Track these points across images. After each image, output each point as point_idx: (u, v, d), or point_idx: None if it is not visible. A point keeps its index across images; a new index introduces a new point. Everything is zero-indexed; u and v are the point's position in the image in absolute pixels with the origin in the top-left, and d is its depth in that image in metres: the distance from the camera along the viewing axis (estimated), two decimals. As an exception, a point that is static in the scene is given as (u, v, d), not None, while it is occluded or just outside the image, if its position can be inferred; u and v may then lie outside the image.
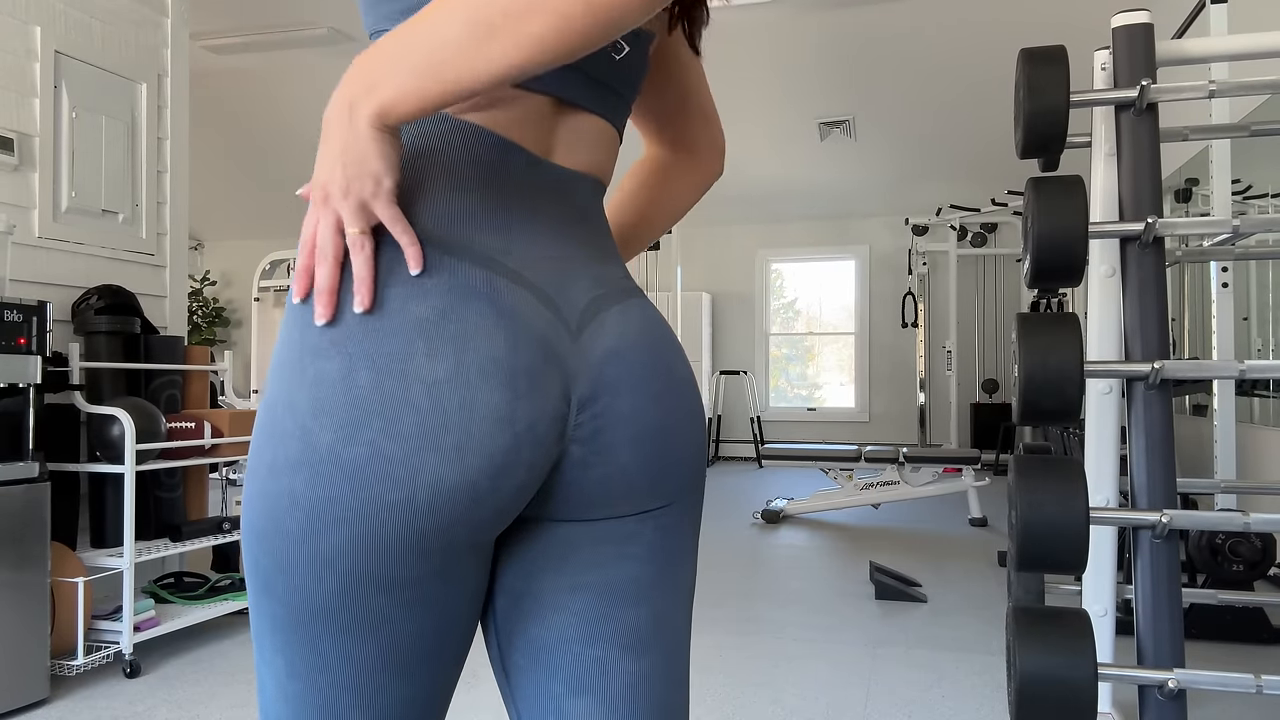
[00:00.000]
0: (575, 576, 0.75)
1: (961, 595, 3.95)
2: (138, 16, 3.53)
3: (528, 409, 0.65)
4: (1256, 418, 4.58)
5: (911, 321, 9.29)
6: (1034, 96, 1.86)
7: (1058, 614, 1.67)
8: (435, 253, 0.65)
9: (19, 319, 2.65)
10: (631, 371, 0.72)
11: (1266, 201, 4.42)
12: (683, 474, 0.77)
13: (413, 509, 0.62)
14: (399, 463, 0.62)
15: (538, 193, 0.72)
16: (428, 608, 0.67)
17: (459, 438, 0.62)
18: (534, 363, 0.66)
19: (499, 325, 0.64)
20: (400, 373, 0.62)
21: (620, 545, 0.75)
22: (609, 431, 0.71)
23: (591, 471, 0.71)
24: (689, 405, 0.78)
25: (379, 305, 0.63)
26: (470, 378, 0.63)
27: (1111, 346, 2.22)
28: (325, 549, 0.63)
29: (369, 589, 0.64)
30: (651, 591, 0.76)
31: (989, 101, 6.66)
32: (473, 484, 0.64)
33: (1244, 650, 3.19)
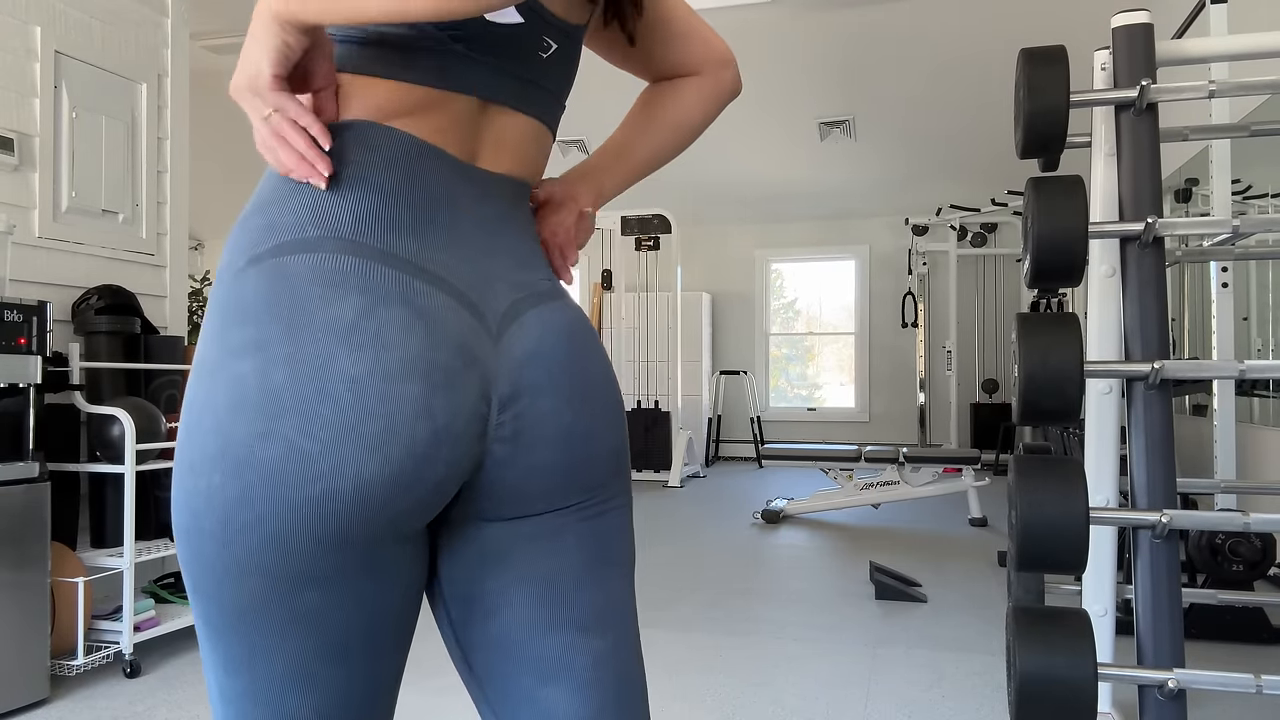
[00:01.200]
0: (518, 571, 0.77)
1: (961, 595, 3.95)
2: (138, 16, 3.53)
3: (445, 404, 0.67)
4: (1256, 418, 4.58)
5: (911, 321, 9.29)
6: (1034, 96, 1.86)
7: (1058, 614, 1.67)
8: (353, 257, 0.67)
9: (19, 319, 2.65)
10: (550, 373, 0.74)
11: (1266, 201, 4.42)
12: (602, 468, 0.79)
13: (334, 501, 0.64)
14: (318, 457, 0.63)
15: (460, 197, 0.74)
16: (358, 601, 0.68)
17: (381, 427, 0.64)
18: (450, 362, 0.68)
19: (416, 326, 0.67)
20: (319, 372, 0.64)
21: (552, 540, 0.78)
22: (530, 431, 0.73)
23: (512, 469, 0.73)
24: (607, 402, 0.80)
25: (295, 309, 0.65)
26: (389, 373, 0.65)
27: (1111, 346, 2.22)
28: (246, 546, 0.64)
29: (294, 585, 0.65)
30: (594, 573, 0.79)
31: (989, 101, 6.66)
32: (395, 474, 0.65)
33: (1244, 650, 3.19)
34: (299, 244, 0.67)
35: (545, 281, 0.79)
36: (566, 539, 0.78)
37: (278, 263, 0.67)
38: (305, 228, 0.68)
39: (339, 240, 0.67)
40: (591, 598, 0.79)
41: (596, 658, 0.78)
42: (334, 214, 0.68)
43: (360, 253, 0.67)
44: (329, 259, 0.66)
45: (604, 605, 0.79)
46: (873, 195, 9.01)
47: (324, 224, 0.68)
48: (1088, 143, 2.10)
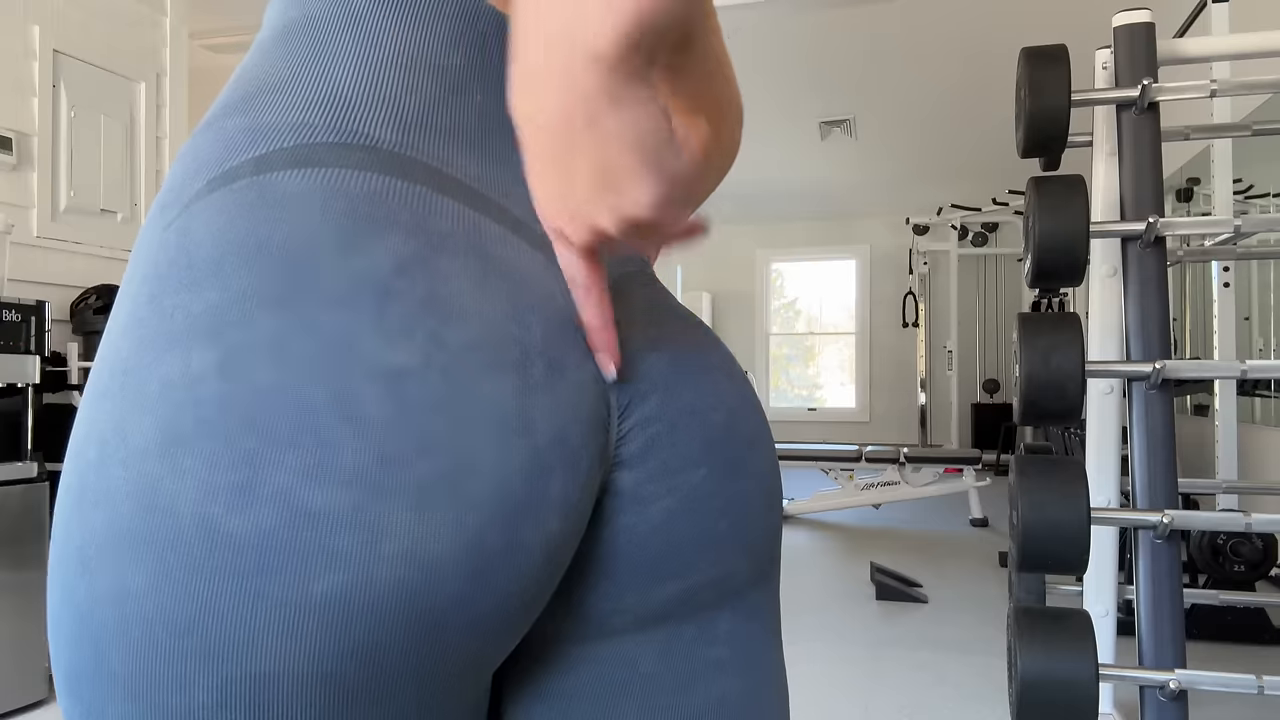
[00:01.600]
0: (642, 713, 0.47)
1: (962, 596, 3.95)
2: (137, 15, 3.52)
3: (548, 406, 0.40)
4: (1258, 418, 4.58)
5: (912, 321, 9.28)
6: (1035, 96, 1.86)
7: (1059, 615, 1.67)
8: (393, 178, 0.41)
9: (17, 319, 2.64)
10: (686, 360, 0.48)
11: (1268, 201, 4.41)
12: (772, 516, 0.51)
13: (367, 606, 0.35)
14: (338, 525, 0.34)
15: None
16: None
17: (446, 462, 0.36)
18: (553, 340, 0.41)
19: (493, 284, 0.40)
20: (334, 366, 0.36)
21: (696, 649, 0.48)
22: (671, 438, 0.45)
23: (651, 509, 0.45)
24: (758, 408, 0.53)
25: (290, 258, 0.37)
26: (455, 365, 0.37)
27: (1113, 346, 2.21)
28: (191, 700, 0.35)
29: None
30: (748, 716, 0.49)
31: (990, 101, 6.65)
32: (477, 543, 0.37)
33: (1245, 651, 3.19)
34: (300, 154, 0.40)
35: (634, 263, 0.52)
36: (718, 649, 0.49)
37: (259, 183, 0.39)
38: (314, 130, 0.41)
39: (369, 151, 0.41)
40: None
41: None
42: (364, 110, 0.42)
43: (405, 173, 0.41)
44: (354, 178, 0.40)
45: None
46: (873, 195, 9.01)
47: (347, 125, 0.42)
48: (1089, 142, 2.09)
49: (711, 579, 0.48)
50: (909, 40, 5.92)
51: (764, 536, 0.50)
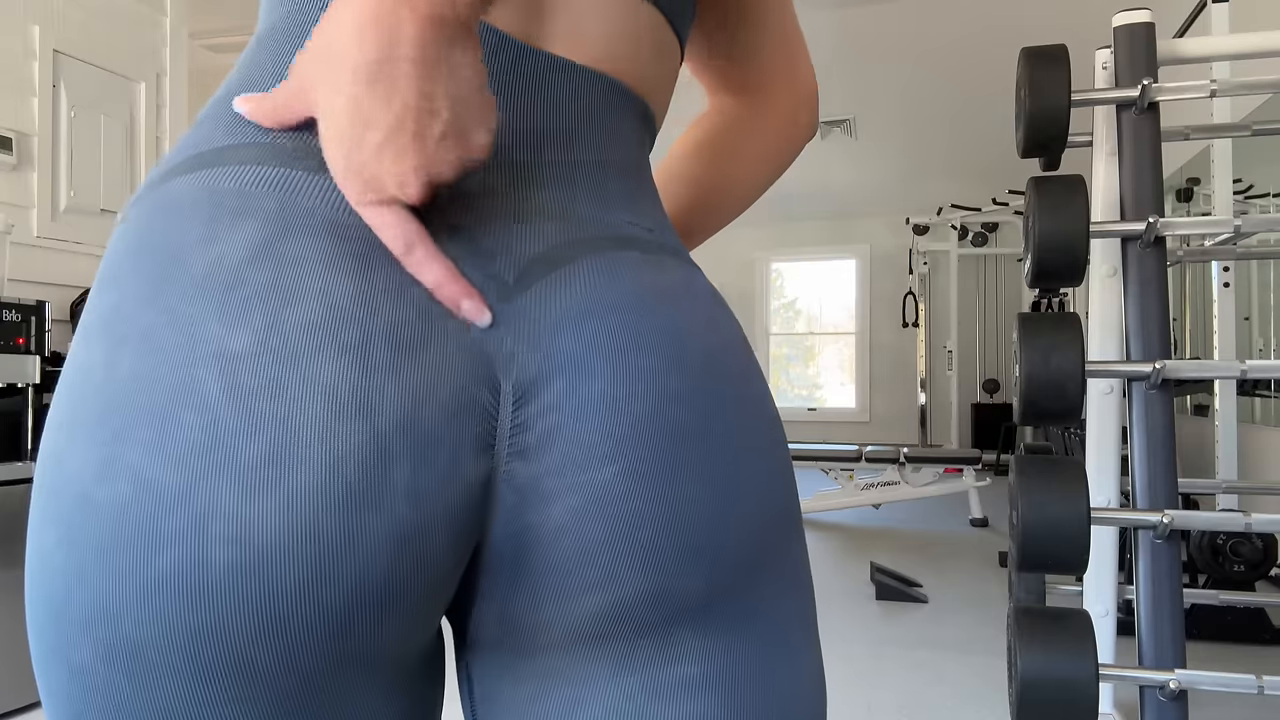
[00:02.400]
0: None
1: (962, 596, 3.95)
2: (137, 15, 3.52)
3: (394, 390, 0.39)
4: (1258, 418, 4.58)
5: (912, 321, 9.28)
6: (1035, 96, 1.86)
7: (1059, 615, 1.67)
8: (267, 167, 0.41)
9: (17, 319, 2.64)
10: (612, 340, 0.43)
11: (1268, 201, 4.41)
12: (741, 519, 0.45)
13: (202, 582, 0.36)
14: (175, 499, 0.36)
15: (495, 85, 0.46)
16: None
17: (272, 442, 0.37)
18: (403, 320, 0.40)
19: (342, 267, 0.39)
20: (181, 352, 0.38)
21: (655, 669, 0.45)
22: (573, 429, 0.42)
23: (554, 507, 0.42)
24: (741, 397, 0.47)
25: (165, 256, 0.40)
26: (288, 347, 0.38)
27: (1113, 346, 2.21)
28: (75, 661, 0.38)
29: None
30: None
31: (990, 101, 6.65)
32: (307, 527, 0.37)
33: (1245, 651, 3.19)
34: (196, 160, 0.43)
35: (638, 228, 0.49)
36: (681, 673, 0.45)
37: (159, 193, 0.43)
38: (218, 136, 0.43)
39: (254, 147, 0.42)
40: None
41: None
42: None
43: (284, 160, 0.41)
44: (229, 174, 0.41)
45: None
46: (873, 195, 9.01)
47: (240, 128, 0.43)
48: (1089, 142, 2.09)
49: (648, 594, 0.43)
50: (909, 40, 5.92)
51: (728, 544, 0.45)
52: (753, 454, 0.47)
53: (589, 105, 0.49)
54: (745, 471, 0.46)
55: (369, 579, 0.38)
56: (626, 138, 0.51)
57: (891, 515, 6.09)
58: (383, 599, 0.39)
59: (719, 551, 0.44)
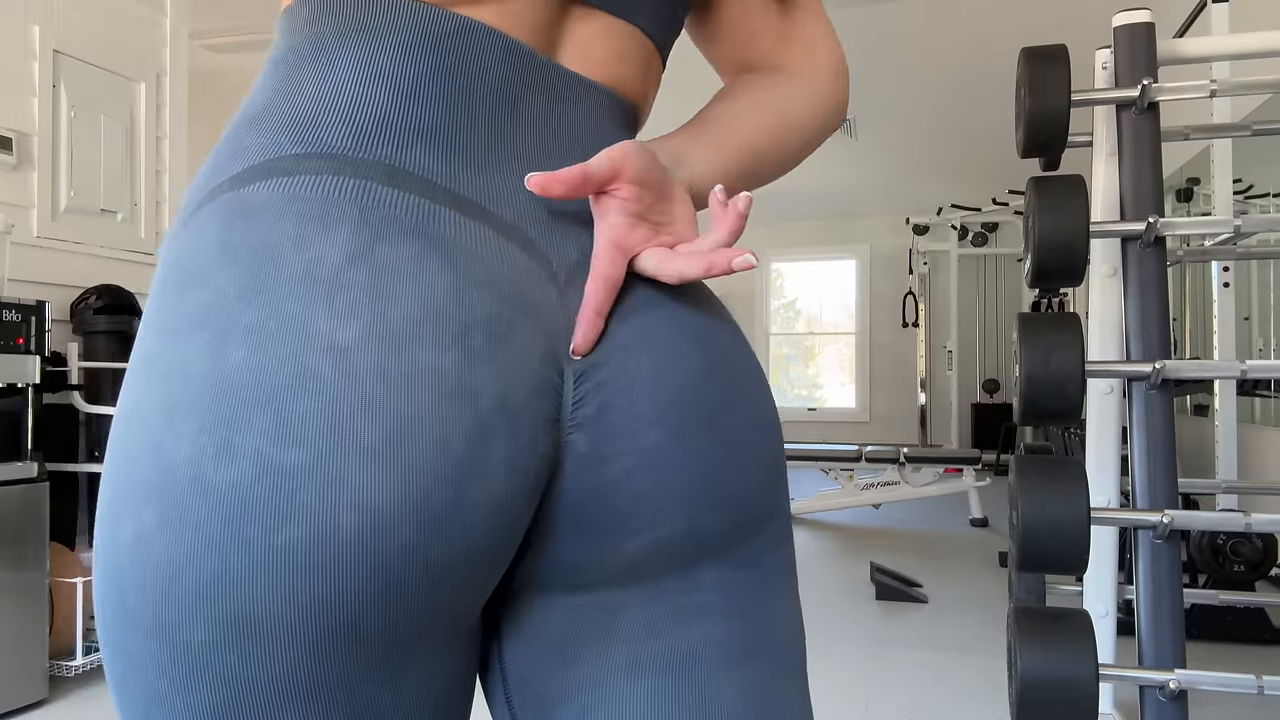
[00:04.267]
0: (629, 652, 0.51)
1: (962, 596, 3.95)
2: (137, 15, 3.52)
3: (492, 376, 0.44)
4: (1258, 418, 4.58)
5: (912, 321, 9.28)
6: (1035, 96, 1.86)
7: (1059, 615, 1.67)
8: (346, 178, 0.46)
9: (17, 319, 2.64)
10: (647, 330, 0.51)
11: (1268, 201, 4.41)
12: (753, 475, 0.53)
13: (330, 552, 0.40)
14: (301, 479, 0.40)
15: (527, 97, 0.52)
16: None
17: (389, 424, 0.41)
18: (496, 313, 0.45)
19: (436, 266, 0.45)
20: (292, 343, 0.42)
21: (679, 597, 0.52)
22: (625, 400, 0.49)
23: (610, 467, 0.48)
24: (752, 384, 0.55)
25: (259, 257, 0.44)
26: (394, 337, 0.43)
27: (1113, 346, 2.21)
28: (191, 636, 0.41)
29: (264, 705, 0.41)
30: (742, 660, 0.53)
31: (990, 101, 6.65)
32: (424, 498, 0.42)
33: (1245, 651, 3.19)
34: (268, 168, 0.47)
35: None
36: (703, 596, 0.52)
37: (236, 196, 0.46)
38: (281, 146, 0.47)
39: (326, 158, 0.46)
40: (729, 694, 0.52)
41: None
42: (325, 123, 0.48)
43: (358, 172, 0.46)
44: (309, 183, 0.46)
45: (749, 705, 0.53)
46: (873, 195, 9.00)
47: (308, 138, 0.47)
48: (1089, 142, 2.09)
49: (682, 533, 0.51)
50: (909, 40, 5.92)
51: (743, 495, 0.53)
52: (760, 422, 0.55)
53: (598, 117, 0.56)
54: (757, 436, 0.54)
55: (473, 541, 0.44)
56: (628, 138, 0.58)
57: (891, 515, 6.09)
58: (482, 558, 0.45)
59: (738, 500, 0.52)
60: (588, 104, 0.55)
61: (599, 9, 0.55)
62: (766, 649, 0.54)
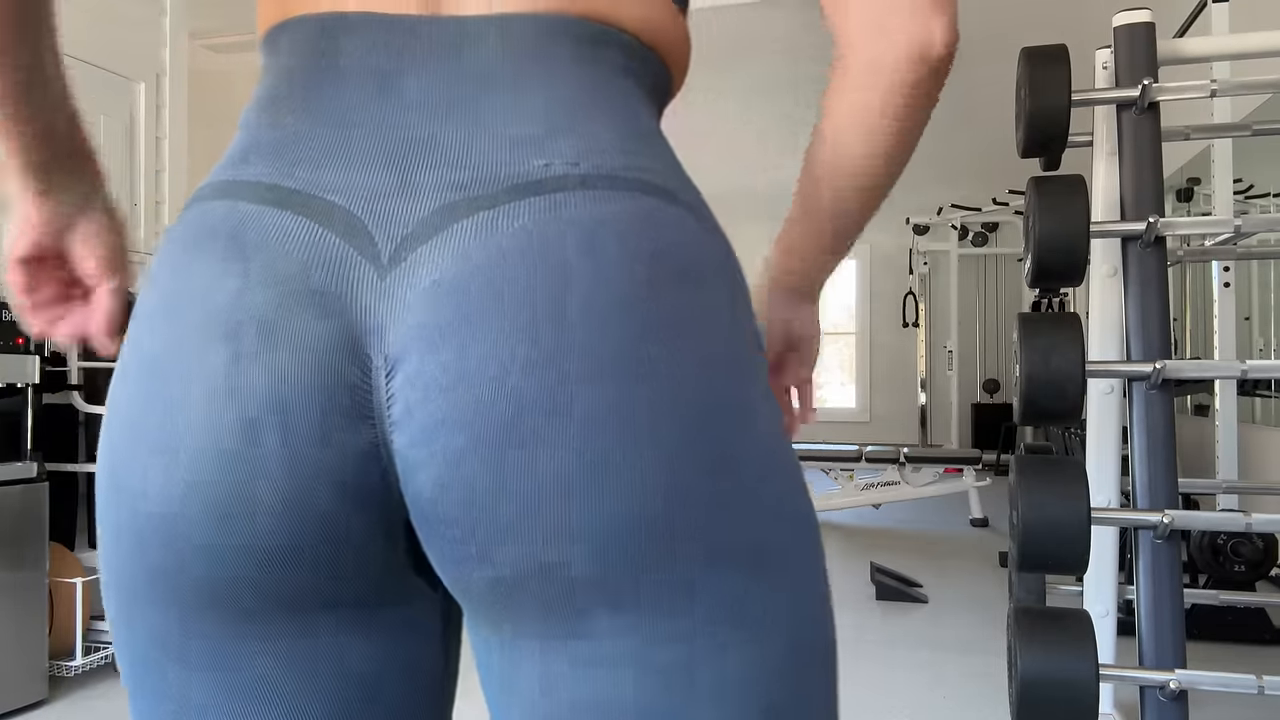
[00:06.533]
0: (525, 708, 0.47)
1: (962, 596, 3.95)
2: (136, 15, 3.52)
3: (261, 371, 0.44)
4: (1258, 418, 4.58)
5: (912, 321, 9.28)
6: (1035, 96, 1.86)
7: (1059, 615, 1.67)
8: (201, 202, 0.51)
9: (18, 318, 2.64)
10: (462, 310, 0.44)
11: (1268, 201, 4.41)
12: (625, 494, 0.43)
13: (137, 539, 0.47)
14: (125, 466, 0.47)
15: (395, 69, 0.50)
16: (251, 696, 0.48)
17: (166, 423, 0.45)
18: (272, 309, 0.45)
19: (228, 267, 0.46)
20: (127, 354, 0.49)
21: (564, 644, 0.45)
22: (428, 400, 0.43)
23: (420, 475, 0.44)
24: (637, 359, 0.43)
25: (146, 285, 0.51)
26: (182, 342, 0.46)
27: (1113, 346, 2.21)
28: (105, 580, 0.51)
29: (148, 645, 0.49)
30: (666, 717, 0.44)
31: (990, 100, 6.65)
32: (209, 491, 0.45)
33: (1246, 651, 3.19)
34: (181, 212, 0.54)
35: (560, 164, 0.47)
36: (597, 650, 0.45)
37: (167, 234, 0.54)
38: (199, 189, 0.53)
39: (206, 187, 0.51)
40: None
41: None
42: (221, 163, 0.54)
43: (202, 194, 0.51)
44: (184, 216, 0.51)
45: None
46: (873, 195, 8.99)
47: (212, 174, 0.53)
48: (1089, 142, 2.09)
49: (530, 568, 0.43)
50: (909, 40, 5.92)
51: (615, 524, 0.43)
52: (644, 422, 0.43)
53: (515, 50, 0.50)
54: (629, 444, 0.43)
55: (264, 533, 0.45)
56: (572, 67, 0.50)
57: (891, 515, 6.09)
58: (287, 551, 0.46)
59: (599, 531, 0.43)
60: (491, 43, 0.50)
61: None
62: (705, 705, 0.44)
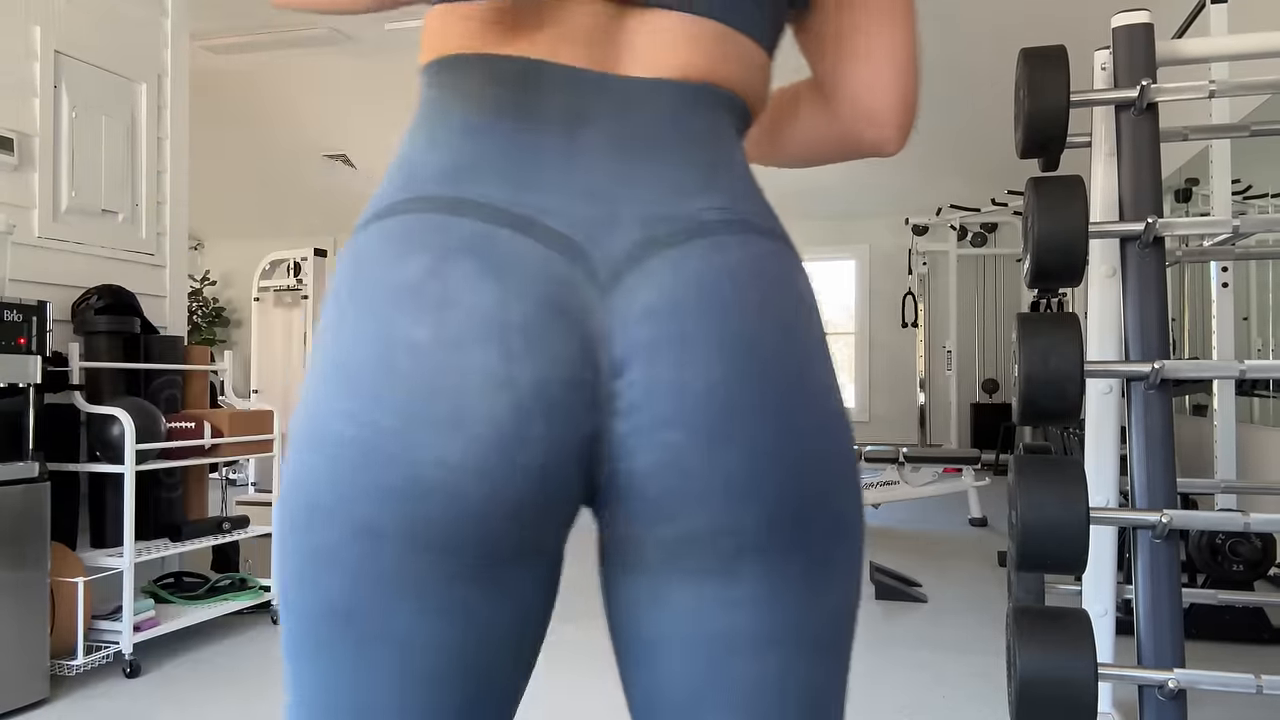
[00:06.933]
0: (674, 626, 0.61)
1: (962, 595, 3.95)
2: (138, 16, 3.53)
3: (529, 369, 0.55)
4: (1256, 418, 4.58)
5: (911, 321, 9.29)
6: (1034, 96, 1.86)
7: (1058, 614, 1.67)
8: (427, 214, 0.59)
9: (19, 319, 2.64)
10: (673, 332, 0.57)
11: (1266, 201, 4.42)
12: (781, 477, 0.58)
13: (419, 490, 0.55)
14: (395, 437, 0.55)
15: (587, 115, 0.61)
16: (454, 621, 0.57)
17: (451, 405, 0.55)
18: (531, 318, 0.56)
19: (486, 281, 0.56)
20: (385, 340, 0.56)
21: (719, 589, 0.60)
22: (650, 402, 0.57)
23: (639, 458, 0.57)
24: (792, 376, 0.60)
25: (366, 274, 0.59)
26: (454, 339, 0.55)
27: (1112, 346, 2.22)
28: (329, 534, 0.56)
29: (381, 589, 0.56)
30: (768, 647, 0.60)
31: (989, 101, 6.65)
32: (480, 460, 0.55)
33: (1244, 650, 3.19)
34: (383, 211, 0.61)
35: (712, 211, 0.61)
36: (735, 590, 0.59)
37: (365, 233, 0.61)
38: (395, 194, 0.61)
39: (419, 199, 0.59)
40: (752, 674, 0.60)
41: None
42: (421, 172, 0.61)
43: (435, 207, 0.59)
44: (402, 221, 0.59)
45: (776, 690, 0.61)
46: (873, 195, 9.01)
47: (410, 185, 0.61)
48: (1088, 143, 2.10)
49: (711, 529, 0.58)
50: (908, 41, 5.91)
51: (781, 499, 0.58)
52: (797, 423, 0.59)
53: (670, 111, 0.63)
54: (793, 437, 0.59)
55: (521, 495, 0.56)
56: (711, 129, 0.64)
57: (891, 515, 6.09)
58: (538, 508, 0.57)
59: (771, 500, 0.58)
60: (652, 102, 0.62)
61: (653, 7, 0.62)
62: (792, 640, 0.60)
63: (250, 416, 3.48)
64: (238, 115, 7.74)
